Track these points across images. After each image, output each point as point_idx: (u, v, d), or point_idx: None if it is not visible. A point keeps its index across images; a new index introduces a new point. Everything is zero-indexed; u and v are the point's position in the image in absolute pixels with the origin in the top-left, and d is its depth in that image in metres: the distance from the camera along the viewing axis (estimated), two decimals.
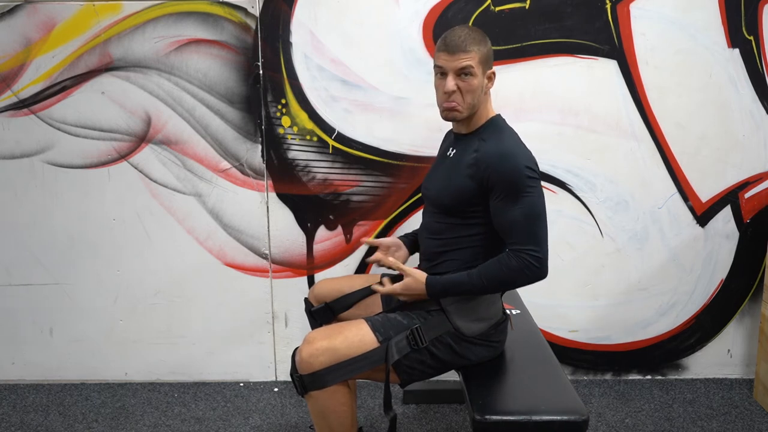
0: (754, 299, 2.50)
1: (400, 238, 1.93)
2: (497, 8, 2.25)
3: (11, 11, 2.27)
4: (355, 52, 2.29)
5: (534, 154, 1.58)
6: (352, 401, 1.65)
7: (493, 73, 1.67)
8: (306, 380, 1.58)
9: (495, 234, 1.62)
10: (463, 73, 1.61)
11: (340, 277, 2.03)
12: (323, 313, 1.90)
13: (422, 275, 1.65)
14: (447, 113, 1.66)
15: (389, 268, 1.75)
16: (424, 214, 1.81)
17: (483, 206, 1.61)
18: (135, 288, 2.49)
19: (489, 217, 1.61)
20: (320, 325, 1.87)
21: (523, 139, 1.68)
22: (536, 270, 1.54)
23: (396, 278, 1.72)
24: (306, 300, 2.00)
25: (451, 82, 1.62)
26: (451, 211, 1.66)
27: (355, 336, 1.59)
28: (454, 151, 1.71)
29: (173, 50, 2.30)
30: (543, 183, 2.37)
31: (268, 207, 2.42)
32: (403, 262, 1.87)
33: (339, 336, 1.59)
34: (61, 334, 2.54)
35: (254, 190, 2.41)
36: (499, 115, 1.70)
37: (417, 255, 1.91)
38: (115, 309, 2.51)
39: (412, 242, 1.92)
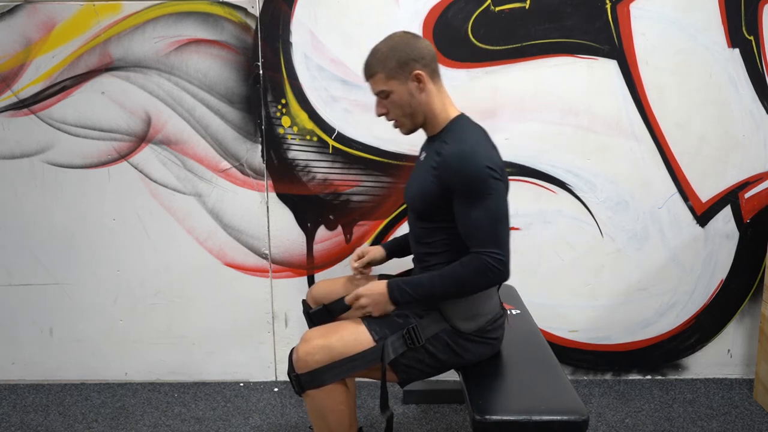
0: (754, 299, 2.50)
1: (383, 245, 1.96)
2: (497, 8, 2.25)
3: (11, 11, 2.27)
4: (355, 52, 2.29)
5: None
6: (350, 400, 1.65)
7: (418, 74, 1.60)
8: (303, 379, 1.58)
9: None
10: (380, 95, 1.66)
11: (338, 278, 2.03)
12: (321, 315, 1.90)
13: (384, 281, 1.63)
14: (397, 129, 1.72)
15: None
16: (408, 220, 1.82)
17: (451, 209, 1.59)
18: (135, 288, 2.49)
19: None
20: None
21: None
22: (498, 272, 1.52)
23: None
24: (304, 302, 2.01)
25: (377, 107, 1.69)
26: (425, 216, 1.67)
27: (350, 335, 1.59)
28: (424, 154, 1.72)
29: (173, 50, 2.30)
30: (543, 183, 2.38)
31: (268, 207, 2.42)
32: (380, 262, 1.94)
33: (335, 335, 1.59)
34: (61, 334, 2.54)
35: (254, 190, 2.41)
36: (462, 115, 1.68)
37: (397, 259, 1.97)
38: (115, 309, 2.51)
39: (391, 247, 1.95)
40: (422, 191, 1.64)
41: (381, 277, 1.98)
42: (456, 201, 1.56)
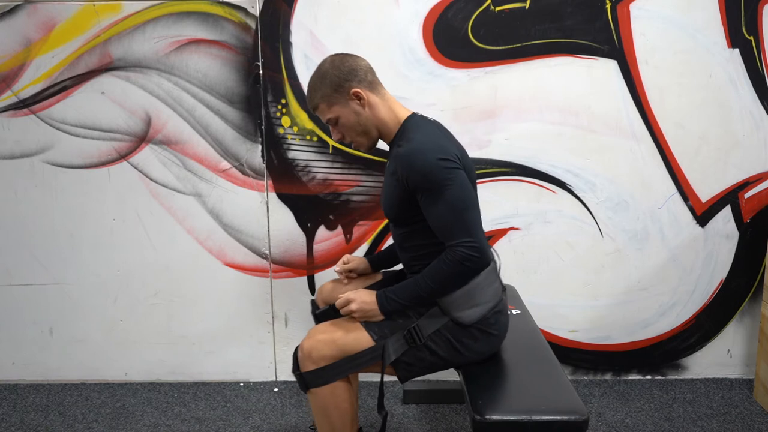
0: (754, 299, 2.50)
1: (368, 257, 1.98)
2: (497, 8, 2.25)
3: (11, 11, 2.27)
4: (355, 52, 2.26)
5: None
6: (353, 398, 1.67)
7: (356, 92, 1.63)
8: (307, 377, 1.60)
9: None
10: (330, 122, 1.69)
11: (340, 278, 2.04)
12: (328, 315, 1.91)
13: (374, 291, 1.67)
14: (361, 150, 1.74)
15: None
16: (390, 228, 1.83)
17: (420, 210, 1.61)
18: (135, 288, 2.49)
19: None
20: None
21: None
22: (476, 259, 1.53)
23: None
24: (312, 302, 2.04)
25: (333, 134, 1.72)
26: (400, 221, 1.68)
27: (352, 332, 1.61)
28: (389, 162, 1.73)
29: (173, 50, 2.30)
30: (543, 183, 2.38)
31: (268, 207, 2.42)
32: (363, 273, 1.97)
33: (338, 331, 1.62)
34: (61, 334, 2.54)
35: (254, 190, 2.41)
36: (412, 115, 1.69)
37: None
38: (115, 309, 2.51)
39: (376, 260, 1.97)
40: (390, 198, 1.66)
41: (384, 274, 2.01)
42: (420, 200, 1.58)
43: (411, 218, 1.64)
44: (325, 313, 1.91)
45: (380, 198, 1.82)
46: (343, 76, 1.63)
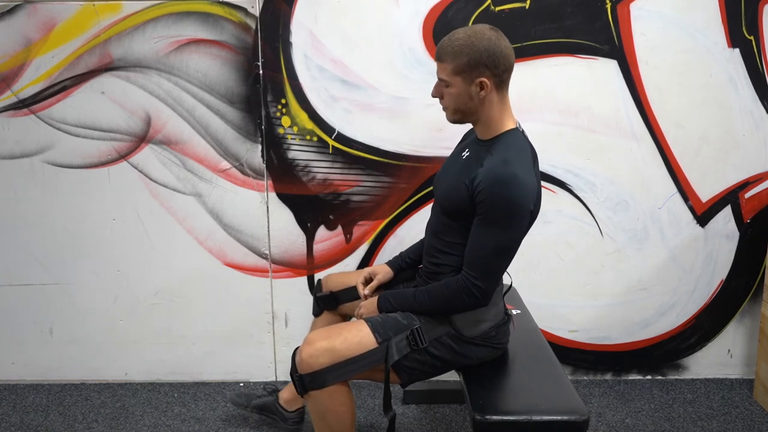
0: (754, 299, 2.50)
1: (390, 263, 1.96)
2: (497, 8, 2.25)
3: (11, 11, 2.27)
4: (355, 52, 2.29)
5: None
6: (351, 402, 1.66)
7: (483, 81, 1.54)
8: (306, 380, 1.58)
9: None
10: (441, 81, 1.61)
11: (349, 271, 2.07)
12: (327, 300, 1.97)
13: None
14: (445, 115, 1.68)
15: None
16: (432, 209, 1.82)
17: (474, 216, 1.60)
18: (135, 288, 2.49)
19: None
20: (323, 311, 2.00)
21: None
22: (475, 299, 1.58)
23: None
24: (319, 282, 2.08)
25: (434, 88, 1.64)
26: (450, 214, 1.66)
27: (354, 337, 1.60)
28: (468, 153, 1.69)
29: (173, 50, 2.30)
30: (543, 183, 2.37)
31: (268, 207, 2.42)
32: (388, 282, 1.93)
33: (338, 337, 1.59)
34: (61, 334, 2.54)
35: (254, 190, 2.41)
36: (515, 130, 1.63)
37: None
38: (115, 309, 2.51)
39: (398, 264, 1.94)
40: (453, 191, 1.63)
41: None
42: (476, 215, 1.56)
43: (462, 217, 1.62)
44: (325, 298, 1.98)
45: (437, 177, 1.77)
46: (486, 60, 1.53)
